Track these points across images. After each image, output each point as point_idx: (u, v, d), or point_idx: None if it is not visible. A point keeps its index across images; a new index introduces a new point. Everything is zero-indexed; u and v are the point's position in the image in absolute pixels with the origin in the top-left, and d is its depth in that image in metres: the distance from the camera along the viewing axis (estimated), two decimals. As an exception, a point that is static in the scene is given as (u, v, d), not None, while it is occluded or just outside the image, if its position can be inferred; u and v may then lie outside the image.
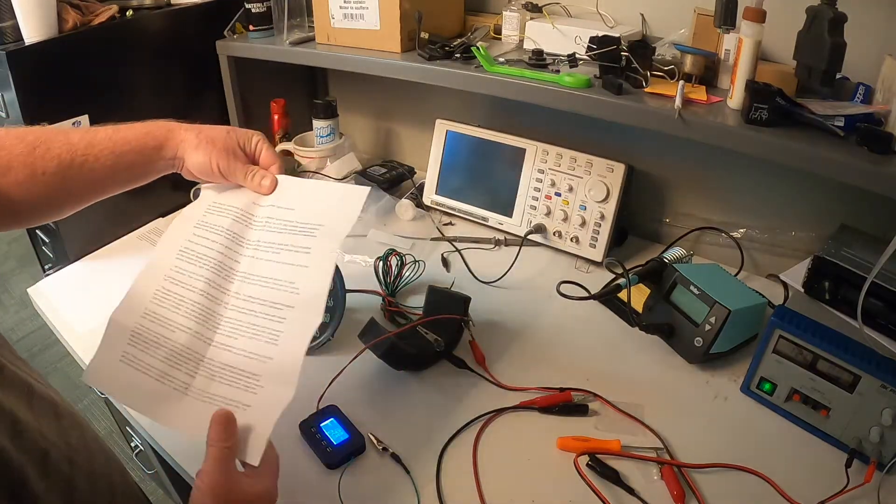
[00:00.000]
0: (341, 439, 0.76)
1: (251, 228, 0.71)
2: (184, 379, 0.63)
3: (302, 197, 0.72)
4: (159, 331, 0.65)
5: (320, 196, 0.72)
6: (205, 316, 0.66)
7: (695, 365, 0.90)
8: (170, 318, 0.66)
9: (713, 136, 0.87)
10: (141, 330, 0.65)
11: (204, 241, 0.70)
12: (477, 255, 1.17)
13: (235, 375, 0.63)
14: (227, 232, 0.70)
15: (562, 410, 0.82)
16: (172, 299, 0.67)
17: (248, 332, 0.65)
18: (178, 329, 0.65)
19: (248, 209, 0.72)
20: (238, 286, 0.68)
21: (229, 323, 0.66)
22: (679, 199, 1.18)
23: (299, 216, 0.70)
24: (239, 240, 0.70)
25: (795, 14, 0.82)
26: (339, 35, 1.17)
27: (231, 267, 0.69)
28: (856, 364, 0.73)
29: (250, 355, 0.63)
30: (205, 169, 0.70)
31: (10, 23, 1.03)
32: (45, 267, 1.31)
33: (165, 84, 1.27)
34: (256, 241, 0.70)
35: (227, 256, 0.69)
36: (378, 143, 1.59)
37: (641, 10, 1.09)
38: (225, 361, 0.64)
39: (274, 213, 0.71)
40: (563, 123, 1.19)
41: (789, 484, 0.71)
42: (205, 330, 0.65)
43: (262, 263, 0.68)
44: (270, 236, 0.70)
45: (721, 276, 0.95)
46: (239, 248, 0.70)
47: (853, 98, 0.88)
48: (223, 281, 0.68)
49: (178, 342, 0.64)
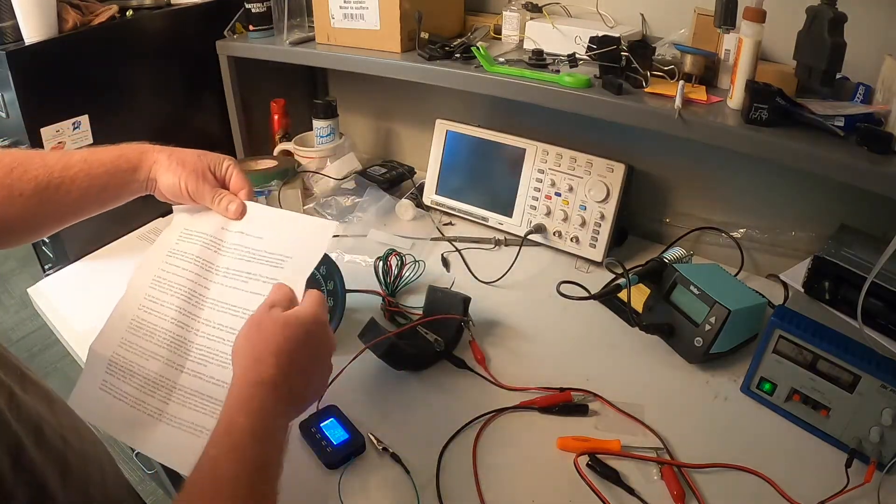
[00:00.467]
0: (341, 439, 0.76)
1: (221, 255, 0.72)
2: (157, 406, 0.66)
3: (271, 226, 0.73)
4: (134, 359, 0.68)
5: (289, 227, 0.73)
6: (176, 344, 0.68)
7: (695, 365, 0.90)
8: (144, 347, 0.69)
9: (713, 136, 0.87)
10: (117, 359, 0.68)
11: (175, 270, 0.72)
12: (477, 255, 1.17)
13: (203, 401, 0.65)
14: (197, 259, 0.72)
15: (562, 410, 0.82)
16: (146, 328, 0.70)
17: (216, 359, 0.67)
18: (151, 357, 0.68)
19: (217, 234, 0.73)
20: (208, 313, 0.69)
21: (200, 350, 0.68)
22: (679, 199, 1.18)
23: (268, 246, 0.71)
24: (209, 266, 0.72)
25: (795, 14, 0.82)
26: (339, 35, 1.17)
27: (202, 294, 0.70)
28: (856, 364, 0.73)
29: (218, 383, 0.66)
30: (175, 190, 0.71)
31: (10, 23, 1.03)
32: (45, 267, 1.31)
33: (165, 84, 1.27)
34: (226, 267, 0.71)
35: (197, 284, 0.71)
36: (378, 143, 1.59)
37: (641, 10, 1.09)
38: (196, 388, 0.66)
39: (243, 241, 0.72)
40: (563, 123, 1.19)
41: (789, 484, 0.71)
42: (177, 357, 0.68)
43: (230, 291, 0.70)
44: (239, 264, 0.71)
45: (721, 276, 0.95)
46: (209, 274, 0.71)
47: (853, 98, 0.88)
48: (194, 308, 0.70)
49: (151, 370, 0.67)
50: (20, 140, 1.07)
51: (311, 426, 0.78)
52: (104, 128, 1.16)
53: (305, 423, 0.79)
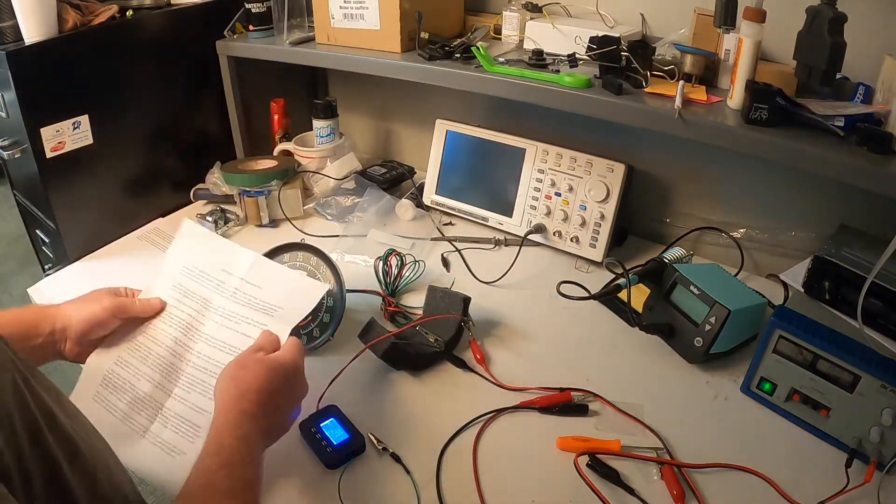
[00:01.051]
0: (341, 439, 0.76)
1: (220, 295, 0.80)
2: (143, 423, 0.74)
3: (271, 279, 0.81)
4: (127, 377, 0.76)
5: (286, 282, 0.81)
6: (168, 369, 0.76)
7: (695, 365, 0.90)
8: (138, 368, 0.76)
9: (713, 136, 0.87)
10: (111, 375, 0.76)
11: (176, 304, 0.80)
12: (477, 255, 1.17)
13: (183, 425, 0.73)
14: (199, 298, 0.80)
15: (562, 410, 0.82)
16: (142, 351, 0.77)
17: (200, 388, 0.75)
18: (143, 378, 0.75)
19: (220, 277, 0.81)
20: (201, 346, 0.77)
21: (187, 378, 0.76)
22: (679, 199, 1.18)
23: (264, 295, 0.79)
24: (207, 304, 0.80)
25: (795, 14, 0.83)
26: (339, 35, 1.17)
27: (197, 329, 0.79)
28: (856, 364, 0.73)
29: (200, 410, 0.73)
30: (97, 317, 0.75)
31: (10, 23, 1.03)
32: (45, 267, 1.31)
33: (165, 84, 1.27)
34: (222, 308, 0.79)
35: (195, 319, 0.79)
36: (378, 143, 1.59)
37: (641, 10, 1.09)
38: (178, 412, 0.74)
39: (242, 287, 0.81)
40: (563, 123, 1.19)
41: (789, 484, 0.71)
42: (166, 382, 0.76)
43: (223, 330, 0.78)
44: (235, 307, 0.79)
45: (721, 276, 0.95)
46: (206, 311, 0.79)
47: (853, 98, 0.88)
48: (188, 340, 0.78)
49: (142, 390, 0.75)
50: (20, 140, 1.07)
51: (311, 426, 0.78)
52: (104, 128, 1.16)
53: (305, 423, 0.79)
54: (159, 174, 1.31)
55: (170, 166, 1.33)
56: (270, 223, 1.27)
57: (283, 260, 0.97)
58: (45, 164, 1.08)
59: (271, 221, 1.28)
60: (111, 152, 1.19)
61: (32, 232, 1.32)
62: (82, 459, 0.51)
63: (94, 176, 1.18)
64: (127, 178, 1.25)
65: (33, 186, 1.15)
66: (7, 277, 2.65)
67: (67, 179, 1.14)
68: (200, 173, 1.32)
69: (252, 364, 0.65)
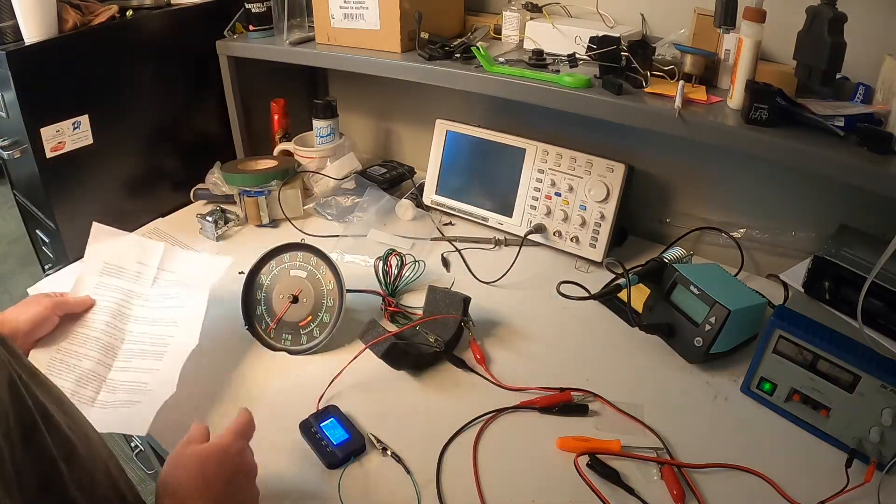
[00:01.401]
0: (341, 439, 0.76)
1: (140, 285, 0.93)
2: (90, 395, 0.80)
3: (182, 261, 0.96)
4: (69, 360, 0.83)
5: (194, 263, 0.97)
6: (105, 348, 0.85)
7: (695, 365, 0.90)
8: (78, 350, 0.84)
9: (713, 136, 0.87)
10: (55, 362, 0.82)
11: (103, 297, 0.90)
12: (477, 255, 1.17)
13: (131, 385, 0.82)
14: (122, 290, 0.92)
15: (562, 410, 0.82)
16: (80, 338, 0.85)
17: (140, 354, 0.86)
18: (84, 358, 0.83)
19: (136, 269, 0.95)
20: (132, 326, 0.89)
21: (125, 352, 0.86)
22: (679, 199, 1.18)
23: (179, 277, 0.95)
24: (130, 294, 0.92)
25: (795, 14, 0.82)
26: (339, 35, 1.17)
27: (125, 313, 0.90)
28: (856, 364, 0.73)
29: (142, 370, 0.83)
30: (40, 315, 0.82)
31: (10, 23, 1.03)
32: (45, 267, 1.31)
33: (165, 84, 1.27)
34: (144, 293, 0.93)
35: (121, 306, 0.90)
36: (378, 143, 1.59)
37: (641, 10, 1.09)
38: (123, 379, 0.83)
39: (160, 275, 0.95)
40: (563, 123, 1.19)
41: (789, 484, 0.71)
42: (106, 358, 0.84)
43: (150, 309, 0.91)
44: (157, 290, 0.93)
45: (721, 276, 0.95)
46: (131, 299, 0.92)
47: (853, 98, 0.88)
48: (120, 323, 0.89)
49: (85, 367, 0.82)
50: (20, 140, 1.07)
51: (311, 426, 0.78)
52: (104, 128, 1.16)
53: (305, 423, 0.79)
54: (159, 174, 1.31)
55: (170, 166, 1.33)
56: (270, 223, 1.27)
57: (284, 260, 0.97)
58: (45, 164, 1.09)
59: (271, 221, 1.28)
60: (111, 152, 1.19)
61: (32, 232, 1.32)
62: (80, 459, 0.51)
63: (94, 176, 1.18)
64: (127, 178, 1.25)
65: (33, 186, 1.16)
66: (7, 277, 2.65)
67: (67, 179, 1.14)
68: (200, 173, 1.32)
69: (185, 461, 0.63)
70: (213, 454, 0.63)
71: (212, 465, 0.62)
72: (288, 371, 0.91)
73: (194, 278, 0.94)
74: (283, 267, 0.97)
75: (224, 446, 0.64)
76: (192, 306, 0.90)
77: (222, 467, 0.63)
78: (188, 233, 1.26)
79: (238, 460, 0.65)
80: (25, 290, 1.12)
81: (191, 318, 0.89)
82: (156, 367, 0.83)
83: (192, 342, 0.86)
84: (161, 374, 0.82)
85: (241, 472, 0.65)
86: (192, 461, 0.62)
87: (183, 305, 0.91)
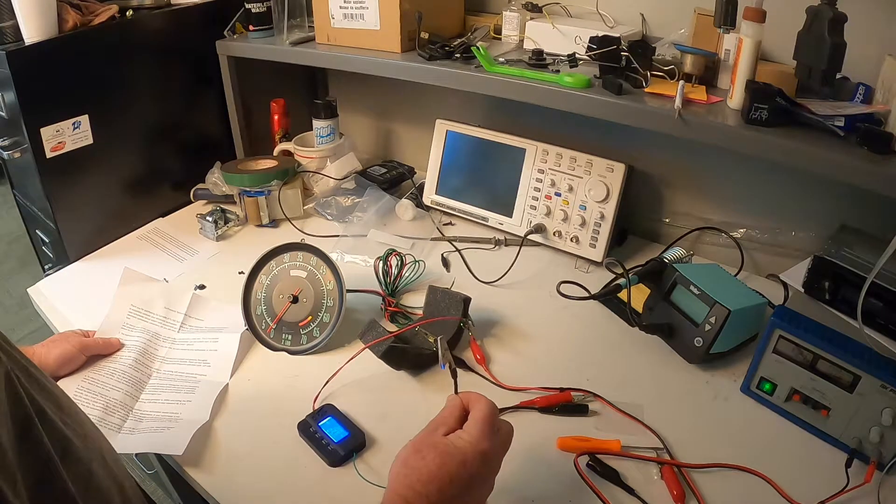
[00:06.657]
0: (341, 436, 0.76)
1: (168, 329, 0.97)
2: (117, 422, 0.81)
3: (209, 311, 1.01)
4: (97, 390, 0.84)
5: (222, 312, 1.00)
6: (134, 381, 0.87)
7: (695, 365, 0.90)
8: (106, 382, 0.86)
9: (713, 136, 0.87)
10: (81, 391, 0.83)
11: (130, 338, 0.94)
12: (477, 255, 1.17)
13: (159, 414, 0.82)
14: (149, 332, 0.95)
15: (562, 410, 0.82)
16: (108, 370, 0.87)
17: (169, 389, 0.87)
18: (112, 389, 0.85)
19: (165, 315, 0.99)
20: (158, 365, 0.92)
21: (152, 387, 0.88)
22: (679, 199, 1.18)
23: (207, 324, 0.99)
24: (158, 337, 0.96)
25: (795, 14, 0.82)
26: (339, 35, 1.17)
27: (153, 353, 0.93)
28: (856, 364, 0.73)
29: (171, 402, 0.84)
30: (68, 354, 0.85)
31: (10, 23, 1.03)
32: (45, 267, 1.31)
33: (165, 84, 1.27)
34: (173, 338, 0.96)
35: (148, 347, 0.93)
36: (378, 143, 1.59)
37: (641, 10, 1.09)
38: (151, 409, 0.84)
39: (187, 321, 0.99)
40: (563, 123, 1.19)
41: (789, 484, 0.71)
42: (134, 391, 0.86)
43: (179, 351, 0.94)
44: (184, 335, 0.97)
45: (721, 276, 0.95)
46: (159, 342, 0.95)
47: (853, 98, 0.88)
48: (147, 361, 0.91)
49: (113, 397, 0.84)
50: (20, 140, 1.07)
51: (310, 426, 0.78)
52: (104, 128, 1.16)
53: (304, 423, 0.79)
54: (159, 174, 1.31)
55: (170, 166, 1.33)
56: (270, 223, 1.28)
57: (284, 260, 0.97)
58: (45, 164, 1.08)
59: (271, 221, 1.28)
60: (111, 152, 1.19)
61: (32, 232, 1.32)
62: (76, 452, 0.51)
63: (94, 176, 1.18)
64: (127, 178, 1.25)
65: (33, 186, 1.16)
66: (7, 277, 2.65)
67: (67, 179, 1.14)
68: (200, 173, 1.32)
69: (427, 450, 0.58)
70: (463, 451, 0.57)
71: (455, 462, 0.57)
72: (288, 371, 0.90)
73: (223, 324, 0.97)
74: (283, 267, 0.97)
75: (473, 446, 0.58)
76: (222, 348, 0.93)
77: (467, 467, 0.57)
78: (188, 233, 1.26)
79: (482, 464, 0.58)
80: (25, 290, 1.13)
81: (222, 358, 0.91)
82: (188, 399, 0.85)
83: (223, 379, 0.88)
84: (193, 404, 0.84)
85: (479, 476, 0.58)
86: (435, 453, 0.57)
87: (215, 349, 0.93)
